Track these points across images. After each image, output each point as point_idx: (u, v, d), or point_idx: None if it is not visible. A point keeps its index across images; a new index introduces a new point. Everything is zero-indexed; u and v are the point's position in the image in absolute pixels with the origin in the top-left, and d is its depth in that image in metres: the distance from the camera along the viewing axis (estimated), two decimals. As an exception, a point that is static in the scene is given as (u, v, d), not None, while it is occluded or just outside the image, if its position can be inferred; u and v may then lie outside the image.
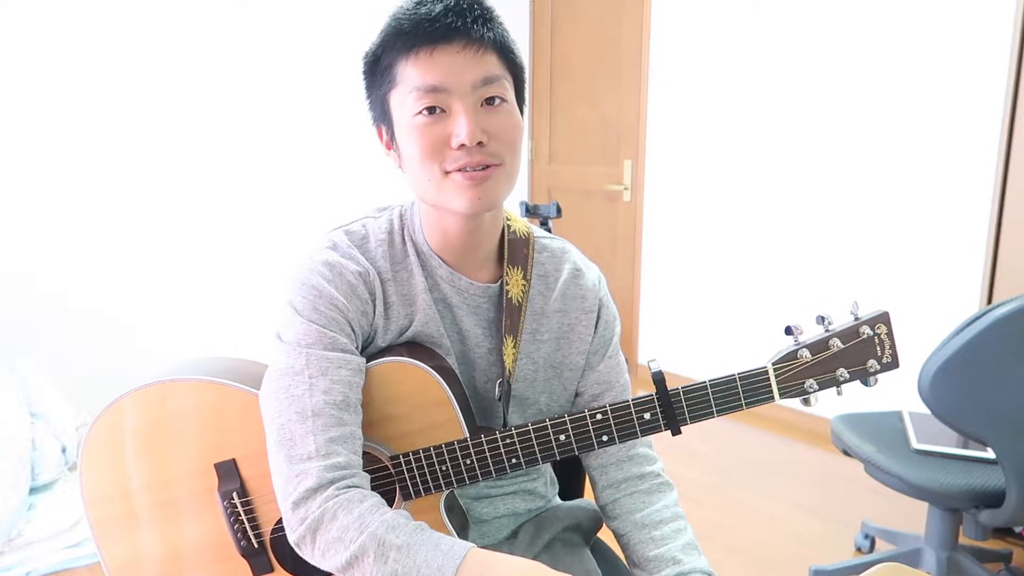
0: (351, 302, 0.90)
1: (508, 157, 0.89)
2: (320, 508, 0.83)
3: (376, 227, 0.97)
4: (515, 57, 0.91)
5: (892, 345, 0.88)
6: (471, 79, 0.85)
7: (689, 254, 3.50)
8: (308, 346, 0.88)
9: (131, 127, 2.84)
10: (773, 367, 0.88)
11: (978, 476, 1.71)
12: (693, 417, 0.89)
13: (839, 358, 0.87)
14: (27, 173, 2.64)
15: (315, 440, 0.85)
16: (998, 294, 2.49)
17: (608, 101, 3.75)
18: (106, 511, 0.98)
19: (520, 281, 0.99)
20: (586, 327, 1.03)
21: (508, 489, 1.06)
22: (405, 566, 0.79)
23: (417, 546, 0.80)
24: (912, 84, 2.64)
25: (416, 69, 0.85)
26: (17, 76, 2.58)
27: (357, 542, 0.81)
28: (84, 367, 2.56)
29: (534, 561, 0.81)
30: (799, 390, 0.88)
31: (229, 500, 0.96)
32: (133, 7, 2.78)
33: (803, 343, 0.88)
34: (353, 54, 3.20)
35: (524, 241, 1.02)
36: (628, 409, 0.89)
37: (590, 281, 1.04)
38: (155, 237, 2.94)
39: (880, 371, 0.88)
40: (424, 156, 0.87)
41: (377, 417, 0.92)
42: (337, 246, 0.94)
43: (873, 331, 0.87)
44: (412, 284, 0.95)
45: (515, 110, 0.91)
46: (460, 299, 0.97)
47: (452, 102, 0.85)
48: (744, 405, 0.88)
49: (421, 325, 0.95)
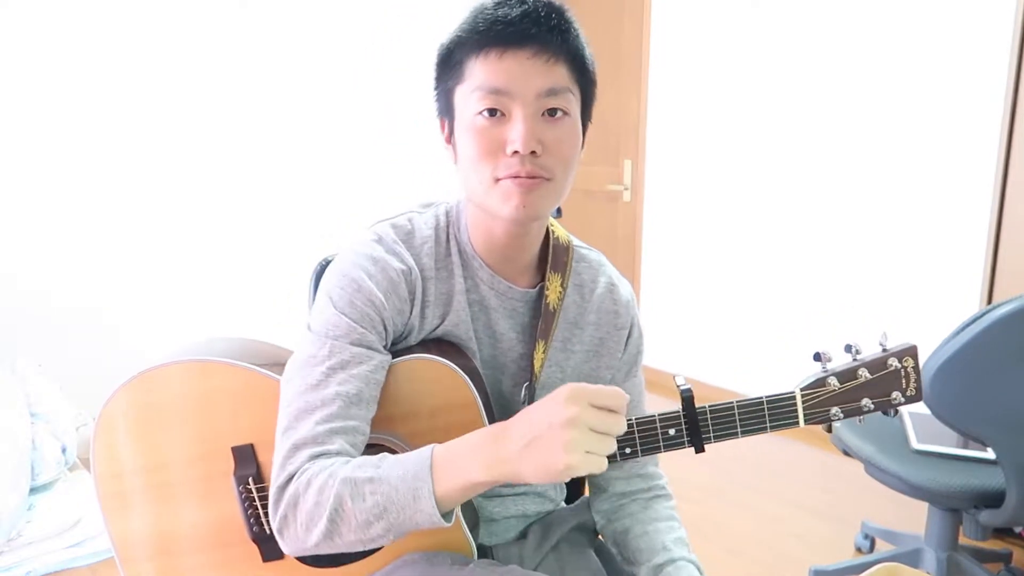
0: (389, 300, 0.90)
1: (560, 173, 0.88)
2: (295, 483, 0.82)
3: (422, 223, 0.97)
4: (588, 72, 0.90)
5: (917, 379, 0.89)
6: (536, 87, 0.84)
7: (689, 254, 3.50)
8: (335, 338, 0.87)
9: (131, 127, 2.84)
10: (801, 393, 0.88)
11: (978, 476, 1.71)
12: (718, 436, 0.88)
13: (865, 388, 0.88)
14: (27, 172, 2.64)
15: (314, 429, 0.84)
16: (998, 294, 2.49)
17: (608, 101, 3.75)
18: (116, 487, 0.98)
19: (558, 288, 0.99)
20: (617, 343, 1.04)
21: (520, 490, 1.06)
22: (384, 494, 0.78)
23: (386, 471, 0.80)
24: (912, 83, 2.64)
25: (484, 69, 0.85)
26: (3, 74, 2.58)
27: (332, 495, 0.80)
28: (84, 367, 2.56)
29: (484, 430, 0.80)
30: (824, 416, 0.88)
31: (244, 485, 0.95)
32: (132, 6, 2.78)
33: (832, 371, 0.88)
34: (353, 54, 3.20)
35: (565, 248, 1.02)
36: (654, 424, 0.88)
37: (624, 297, 1.05)
38: (157, 235, 2.93)
39: (903, 403, 0.89)
40: (479, 157, 0.86)
41: (400, 412, 0.92)
42: (383, 240, 0.93)
43: (900, 363, 0.88)
44: (452, 284, 0.95)
45: (577, 125, 0.90)
46: (498, 302, 0.97)
47: (513, 107, 0.85)
48: (769, 428, 0.88)
49: (451, 326, 0.95)
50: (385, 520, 0.79)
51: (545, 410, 0.74)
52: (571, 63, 0.87)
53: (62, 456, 2.10)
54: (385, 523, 0.79)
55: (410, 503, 0.78)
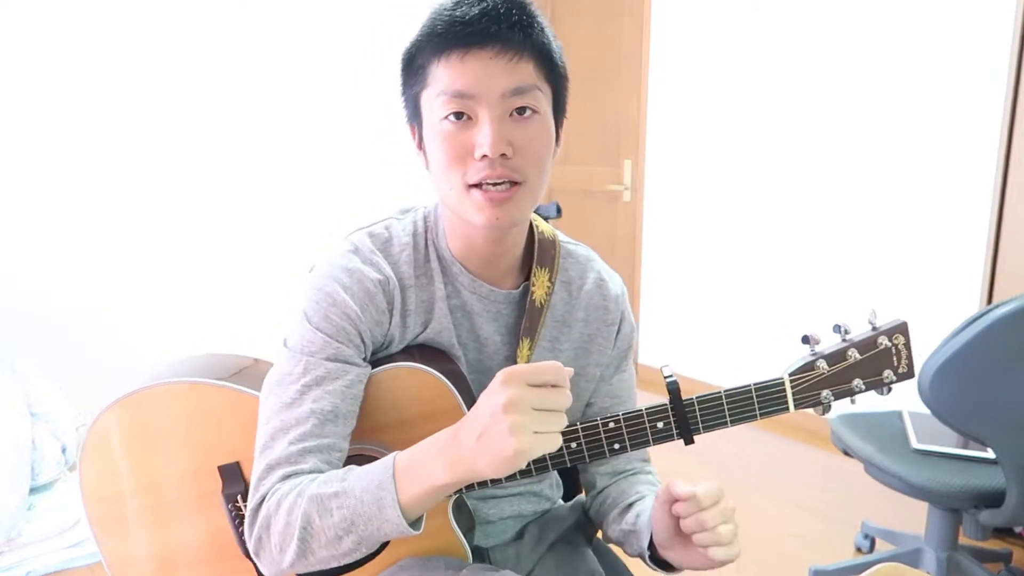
0: (366, 312, 0.88)
1: (533, 173, 0.86)
2: (267, 505, 0.82)
3: (400, 229, 0.95)
4: (557, 67, 0.87)
5: (909, 355, 0.87)
6: (501, 87, 0.82)
7: (689, 254, 3.50)
8: (310, 354, 0.86)
9: (130, 127, 2.83)
10: (790, 378, 0.86)
11: (978, 476, 1.71)
12: (707, 427, 0.87)
13: (856, 368, 0.86)
14: (27, 173, 2.64)
15: (288, 449, 0.83)
16: (998, 294, 2.49)
17: (608, 101, 3.75)
18: (106, 510, 0.98)
19: (546, 283, 0.97)
20: (606, 339, 1.02)
21: (515, 491, 1.05)
22: (350, 507, 0.78)
23: (351, 483, 0.79)
24: (912, 83, 2.64)
25: (446, 72, 0.82)
26: (3, 74, 2.58)
27: (300, 514, 0.79)
28: (84, 367, 2.56)
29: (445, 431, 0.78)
30: (814, 400, 0.86)
31: (233, 503, 0.95)
32: (132, 6, 2.78)
33: (820, 353, 0.86)
34: (353, 54, 3.20)
35: (551, 243, 1.00)
36: (641, 418, 0.87)
37: (614, 292, 1.03)
38: (157, 235, 2.93)
39: (895, 381, 0.87)
40: (448, 163, 0.84)
41: (386, 421, 0.91)
42: (359, 250, 0.91)
43: (891, 341, 0.86)
44: (432, 291, 0.93)
45: (547, 122, 0.87)
46: (481, 306, 0.96)
47: (479, 110, 0.82)
48: (759, 415, 0.86)
49: (434, 333, 0.94)
50: (354, 533, 0.78)
51: (486, 400, 0.73)
52: (537, 59, 0.84)
53: (62, 456, 2.10)
54: (355, 536, 0.78)
55: (376, 514, 0.77)
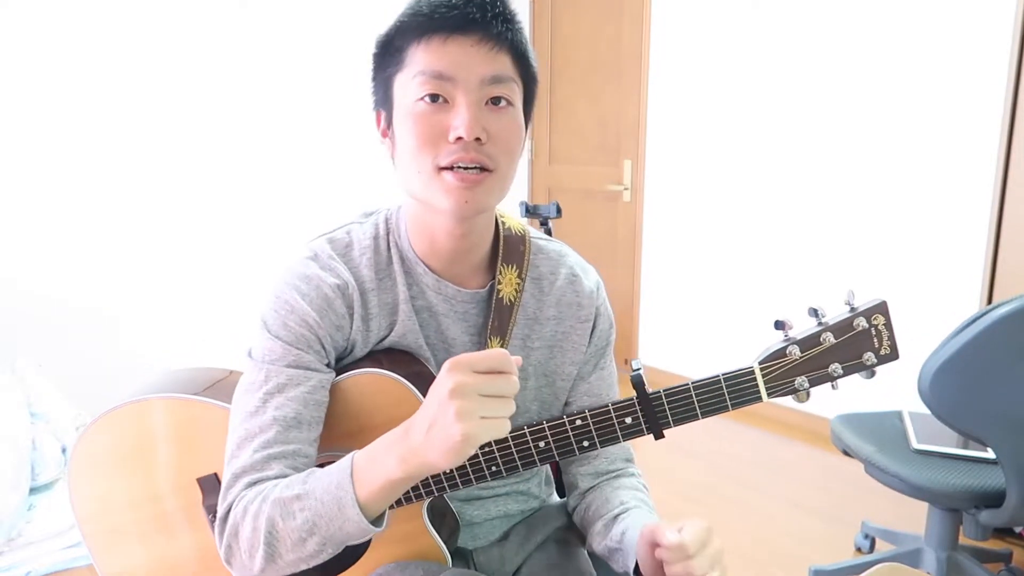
0: (324, 318, 0.88)
1: (504, 163, 0.85)
2: (233, 513, 0.82)
3: (361, 233, 0.94)
4: (530, 65, 0.88)
5: (891, 336, 0.83)
6: (480, 74, 0.82)
7: (689, 254, 3.50)
8: (270, 362, 0.86)
9: (130, 128, 2.83)
10: (760, 366, 0.83)
11: (978, 476, 1.71)
12: (677, 420, 0.85)
13: (832, 353, 0.83)
14: (27, 174, 2.64)
15: (252, 457, 0.84)
16: (998, 294, 2.49)
17: (608, 101, 3.75)
18: (97, 528, 1.00)
19: (514, 280, 0.96)
20: (581, 336, 1.00)
21: (500, 491, 1.04)
22: (312, 508, 0.78)
23: (312, 485, 0.79)
24: (912, 83, 2.64)
25: (426, 54, 0.82)
26: (3, 75, 2.57)
27: (264, 519, 0.79)
28: (84, 367, 2.56)
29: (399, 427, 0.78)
30: (789, 388, 0.84)
31: (214, 514, 0.95)
32: (133, 6, 2.78)
33: (792, 339, 0.84)
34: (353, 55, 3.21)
35: (520, 239, 0.98)
36: (608, 414, 0.85)
37: (587, 288, 1.01)
38: (157, 235, 2.93)
39: (877, 364, 0.83)
40: (419, 145, 0.83)
41: (354, 428, 0.91)
42: (318, 256, 0.91)
43: (870, 323, 0.82)
44: (395, 293, 0.92)
45: (519, 116, 0.87)
46: (447, 307, 0.94)
47: (457, 93, 0.82)
48: (730, 406, 0.84)
49: (399, 336, 0.92)
50: (318, 535, 0.78)
51: (434, 390, 0.73)
52: (514, 54, 0.85)
53: (62, 456, 2.09)
54: (319, 537, 0.78)
55: (336, 513, 0.77)
